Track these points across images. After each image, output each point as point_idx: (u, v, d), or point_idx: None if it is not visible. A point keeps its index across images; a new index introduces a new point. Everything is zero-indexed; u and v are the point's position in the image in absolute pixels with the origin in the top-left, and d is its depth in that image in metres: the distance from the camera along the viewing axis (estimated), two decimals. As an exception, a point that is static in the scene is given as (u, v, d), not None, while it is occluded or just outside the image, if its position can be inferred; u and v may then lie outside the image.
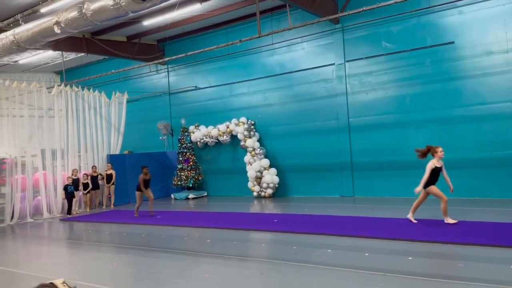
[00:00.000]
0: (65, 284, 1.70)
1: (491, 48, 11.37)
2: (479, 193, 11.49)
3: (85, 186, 14.69)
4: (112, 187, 15.27)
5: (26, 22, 11.33)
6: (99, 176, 15.19)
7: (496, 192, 11.24)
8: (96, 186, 15.01)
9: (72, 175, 14.36)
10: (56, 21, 9.64)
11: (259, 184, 14.98)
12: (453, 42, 11.88)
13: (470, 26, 11.69)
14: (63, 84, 15.56)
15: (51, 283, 1.68)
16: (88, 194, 14.80)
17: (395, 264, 6.07)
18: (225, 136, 15.90)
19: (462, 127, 11.79)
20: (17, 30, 10.88)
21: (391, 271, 5.69)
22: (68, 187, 14.01)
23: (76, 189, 14.37)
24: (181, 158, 16.64)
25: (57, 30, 9.74)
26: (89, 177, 14.81)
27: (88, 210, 14.72)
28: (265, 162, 14.92)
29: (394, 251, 6.82)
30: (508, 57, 11.15)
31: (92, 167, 15.23)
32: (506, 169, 11.13)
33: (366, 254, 6.72)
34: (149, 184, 12.23)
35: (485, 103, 11.48)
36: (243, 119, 15.53)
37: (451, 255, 6.27)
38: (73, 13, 9.33)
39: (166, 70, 18.43)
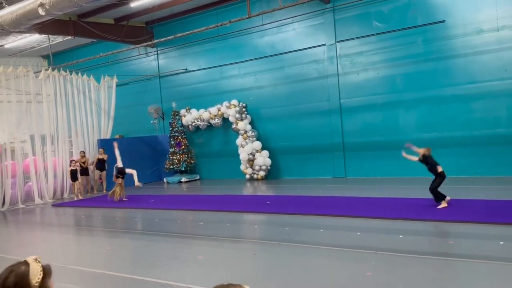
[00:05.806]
0: (37, 261, 1.70)
1: (482, 27, 11.35)
2: (469, 171, 11.62)
3: (73, 174, 13.90)
4: (104, 172, 15.14)
5: (10, 4, 11.05)
6: (89, 162, 14.83)
7: (485, 170, 11.37)
8: (85, 172, 14.60)
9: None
10: (41, 2, 9.43)
11: (251, 166, 15.00)
12: (444, 21, 11.82)
13: (461, 5, 11.62)
14: (50, 68, 15.29)
15: (24, 261, 1.69)
16: (77, 182, 13.97)
17: (386, 243, 6.14)
18: (216, 119, 15.82)
19: (453, 106, 11.84)
20: (1, 12, 10.63)
21: (383, 249, 5.77)
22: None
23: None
24: (172, 142, 16.56)
25: (41, 12, 9.53)
26: (78, 164, 14.13)
27: (80, 197, 13.98)
28: (257, 144, 14.91)
29: (385, 229, 6.90)
30: (499, 35, 11.14)
31: (80, 152, 14.74)
32: (496, 147, 11.25)
33: (358, 233, 6.80)
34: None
35: (475, 82, 11.51)
36: (234, 101, 15.43)
37: (441, 233, 6.36)
38: (58, -5, 9.13)
39: (155, 52, 18.18)
